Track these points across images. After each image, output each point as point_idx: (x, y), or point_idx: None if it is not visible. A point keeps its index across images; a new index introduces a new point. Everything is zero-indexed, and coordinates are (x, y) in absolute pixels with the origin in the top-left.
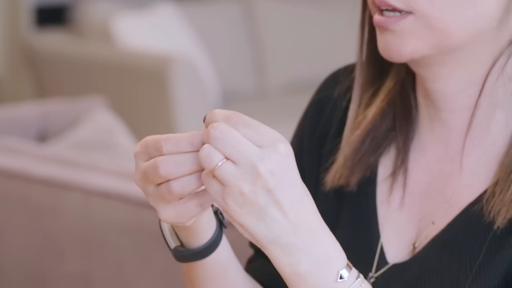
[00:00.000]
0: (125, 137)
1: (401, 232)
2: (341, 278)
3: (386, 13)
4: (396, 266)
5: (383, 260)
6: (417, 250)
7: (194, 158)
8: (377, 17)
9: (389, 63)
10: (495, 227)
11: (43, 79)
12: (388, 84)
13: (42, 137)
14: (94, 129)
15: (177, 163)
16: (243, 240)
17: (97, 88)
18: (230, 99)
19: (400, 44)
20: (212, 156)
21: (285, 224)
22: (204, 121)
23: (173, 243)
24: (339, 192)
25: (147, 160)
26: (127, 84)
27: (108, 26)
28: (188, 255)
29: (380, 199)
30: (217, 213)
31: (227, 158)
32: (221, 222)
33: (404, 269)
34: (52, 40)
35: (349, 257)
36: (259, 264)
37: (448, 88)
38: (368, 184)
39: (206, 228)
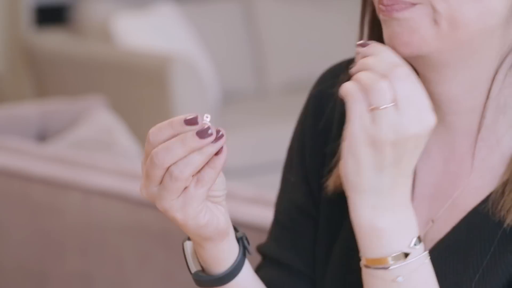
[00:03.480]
0: (125, 136)
1: None
2: (415, 244)
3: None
4: None
5: None
6: None
7: (181, 140)
8: (382, 6)
9: None
10: (505, 225)
11: (43, 79)
12: None
13: (42, 136)
14: (94, 129)
15: (166, 149)
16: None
17: (97, 88)
18: (230, 99)
19: (407, 34)
20: (386, 93)
21: (393, 183)
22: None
23: (194, 267)
24: (343, 195)
25: None
26: (127, 83)
27: (108, 25)
28: (208, 280)
29: None
30: (242, 239)
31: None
32: (246, 249)
33: None
34: (52, 40)
35: (358, 259)
36: (267, 272)
37: (453, 91)
38: None
39: (227, 255)
